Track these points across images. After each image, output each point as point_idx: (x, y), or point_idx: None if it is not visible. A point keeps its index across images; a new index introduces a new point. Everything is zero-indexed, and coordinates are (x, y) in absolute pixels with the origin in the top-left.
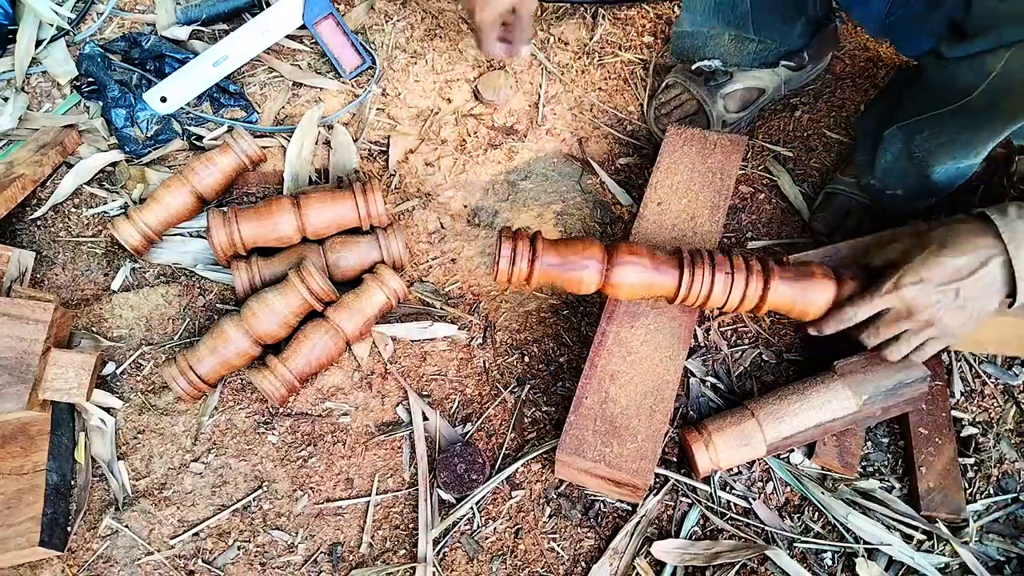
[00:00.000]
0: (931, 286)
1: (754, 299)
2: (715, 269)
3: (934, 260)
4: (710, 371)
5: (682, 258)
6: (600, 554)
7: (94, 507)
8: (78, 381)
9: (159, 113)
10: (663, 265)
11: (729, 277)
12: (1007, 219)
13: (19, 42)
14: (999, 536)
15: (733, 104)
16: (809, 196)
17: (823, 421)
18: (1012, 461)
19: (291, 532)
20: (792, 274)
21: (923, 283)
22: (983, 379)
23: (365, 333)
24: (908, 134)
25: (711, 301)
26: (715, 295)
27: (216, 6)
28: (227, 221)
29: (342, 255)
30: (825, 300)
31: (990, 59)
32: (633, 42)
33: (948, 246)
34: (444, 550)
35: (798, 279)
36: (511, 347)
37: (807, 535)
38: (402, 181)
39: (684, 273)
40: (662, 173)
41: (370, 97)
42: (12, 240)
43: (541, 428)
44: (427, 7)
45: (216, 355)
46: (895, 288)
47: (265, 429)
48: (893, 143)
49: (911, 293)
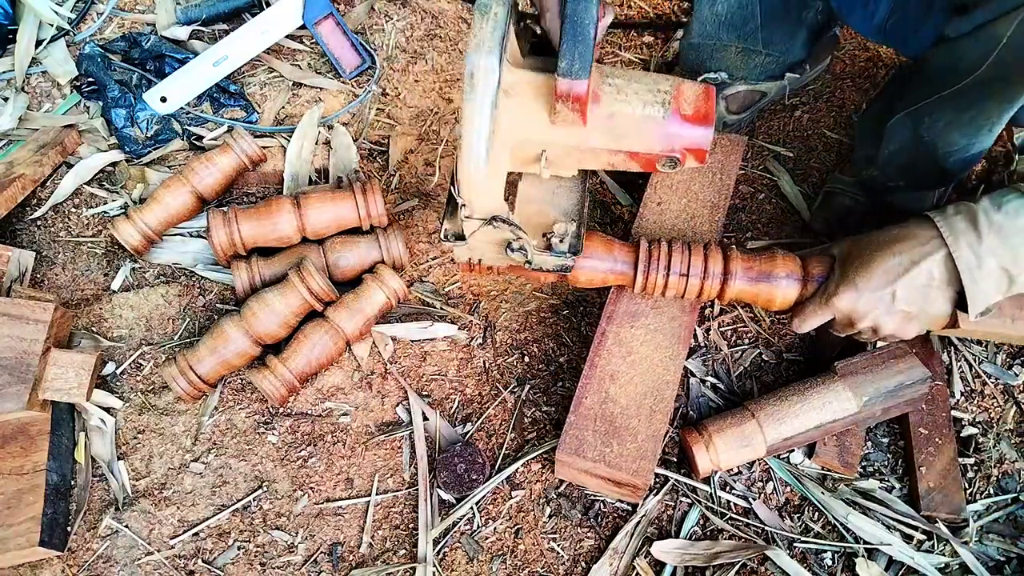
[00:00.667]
0: (865, 293)
1: (718, 274)
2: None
3: (865, 266)
4: (710, 371)
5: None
6: (600, 554)
7: (94, 507)
8: (78, 381)
9: (159, 113)
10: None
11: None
12: (945, 215)
13: (19, 42)
14: (999, 536)
15: (734, 105)
16: (809, 196)
17: (824, 422)
18: (1012, 461)
19: (291, 532)
20: (755, 270)
21: (857, 291)
22: (983, 379)
23: (365, 333)
24: (915, 119)
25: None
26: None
27: (216, 6)
28: (227, 221)
29: (342, 255)
30: (785, 294)
31: (1000, 27)
32: (633, 42)
33: (880, 249)
34: (444, 550)
35: (760, 275)
36: (511, 347)
37: (807, 535)
38: (402, 181)
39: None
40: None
41: (370, 97)
42: (12, 240)
43: (541, 428)
44: (427, 7)
45: (216, 355)
46: (829, 300)
47: (265, 429)
48: (899, 131)
49: (844, 304)
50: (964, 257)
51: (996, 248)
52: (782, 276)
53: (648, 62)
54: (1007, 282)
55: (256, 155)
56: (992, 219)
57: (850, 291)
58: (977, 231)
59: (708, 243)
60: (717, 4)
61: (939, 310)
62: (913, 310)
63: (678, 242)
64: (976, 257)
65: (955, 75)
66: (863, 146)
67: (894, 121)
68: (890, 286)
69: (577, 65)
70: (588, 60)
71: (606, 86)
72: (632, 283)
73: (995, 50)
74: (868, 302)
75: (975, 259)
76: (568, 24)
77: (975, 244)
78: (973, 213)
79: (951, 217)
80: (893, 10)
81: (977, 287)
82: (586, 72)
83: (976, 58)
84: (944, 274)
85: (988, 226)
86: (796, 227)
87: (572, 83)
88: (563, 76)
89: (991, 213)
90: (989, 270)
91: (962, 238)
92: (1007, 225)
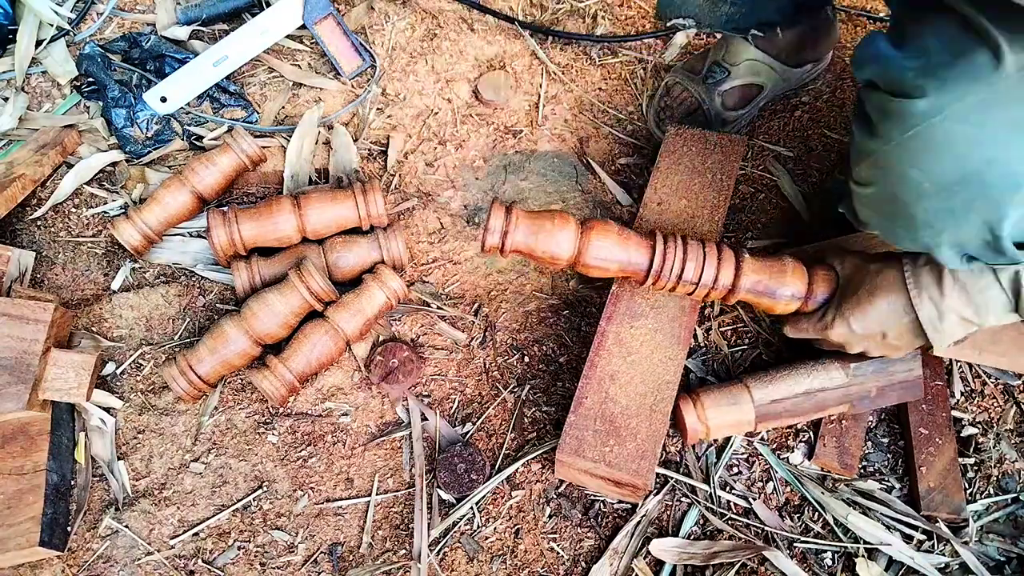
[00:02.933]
0: (858, 334)
1: (726, 285)
2: (687, 251)
3: (860, 309)
4: (710, 371)
5: (655, 239)
6: (600, 554)
7: (94, 507)
8: (78, 381)
9: (159, 113)
10: (635, 242)
11: (700, 258)
12: (915, 265)
13: (19, 42)
14: (999, 536)
15: (731, 101)
16: (809, 196)
17: (812, 389)
18: (1012, 461)
19: (291, 532)
20: (762, 284)
21: (850, 330)
22: (983, 379)
23: (365, 333)
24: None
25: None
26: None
27: (216, 6)
28: (227, 221)
29: (342, 255)
30: (785, 308)
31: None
32: (633, 42)
33: (874, 293)
34: (444, 550)
35: (765, 290)
36: (511, 347)
37: (807, 535)
38: (402, 181)
39: (656, 252)
40: (662, 173)
41: (370, 97)
42: (12, 240)
43: (541, 428)
44: (427, 7)
45: (216, 355)
46: (825, 330)
47: (265, 429)
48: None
49: (837, 338)
50: (926, 310)
51: (957, 304)
52: (787, 295)
53: (646, 63)
54: (974, 326)
55: (256, 155)
56: (957, 276)
57: (844, 328)
58: (940, 287)
59: (722, 249)
60: None
61: (922, 343)
62: (901, 344)
63: (693, 245)
64: (938, 311)
65: None
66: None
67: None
68: (881, 327)
69: None
70: None
71: None
72: (642, 280)
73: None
74: (859, 340)
75: (936, 313)
76: None
77: (938, 300)
78: (940, 267)
79: (920, 268)
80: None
81: (940, 335)
82: None
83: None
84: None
85: (952, 283)
86: (796, 227)
87: None
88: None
89: (958, 270)
90: (950, 322)
91: (925, 292)
92: (970, 283)
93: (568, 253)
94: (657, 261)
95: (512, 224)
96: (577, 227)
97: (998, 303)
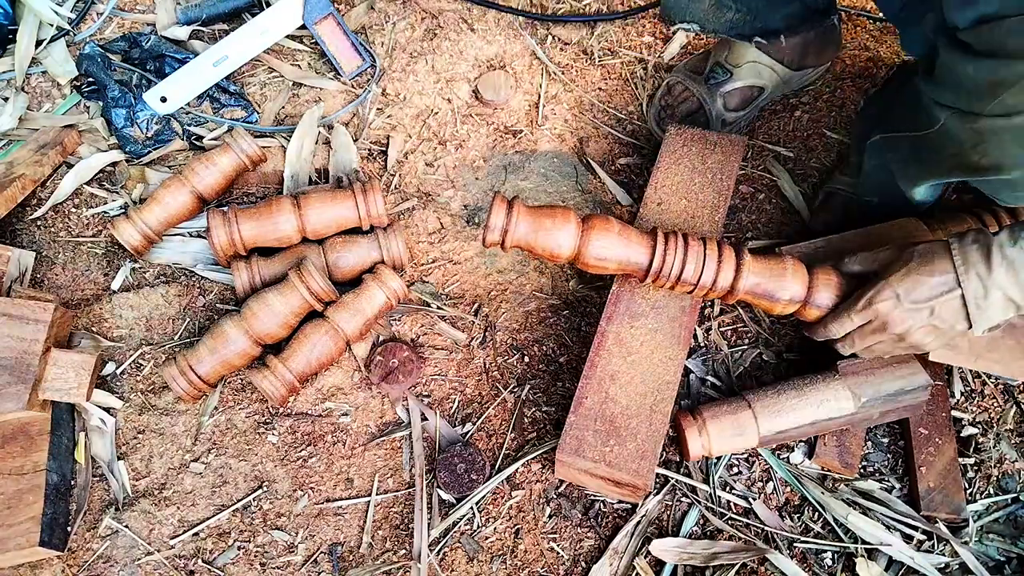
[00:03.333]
0: (906, 303)
1: (725, 287)
2: (687, 251)
3: (911, 277)
4: (710, 371)
5: (655, 237)
6: (600, 554)
7: (94, 507)
8: (78, 381)
9: (159, 113)
10: (636, 239)
11: (701, 257)
12: (962, 244)
13: (19, 42)
14: (999, 536)
15: (733, 102)
16: (809, 196)
17: (819, 419)
18: (1012, 461)
19: (291, 532)
20: (761, 287)
21: (899, 299)
22: (983, 379)
23: (365, 333)
24: (885, 146)
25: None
26: (686, 274)
27: (216, 6)
28: (227, 221)
29: (342, 255)
30: (783, 311)
31: (937, 110)
32: (633, 42)
33: (925, 264)
34: (444, 550)
35: (764, 293)
36: (511, 347)
37: (807, 535)
38: (402, 181)
39: (656, 248)
40: (662, 173)
41: (370, 97)
42: (12, 240)
43: (541, 428)
44: (427, 7)
45: (216, 355)
46: (870, 304)
47: (265, 429)
48: (875, 151)
49: (886, 308)
50: (972, 287)
51: (1004, 281)
52: (785, 298)
53: (648, 62)
54: (1013, 308)
55: (256, 155)
56: (1006, 253)
57: (892, 298)
58: (988, 263)
59: (723, 249)
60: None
61: (962, 327)
62: (944, 326)
63: (693, 245)
64: (984, 288)
65: (921, 119)
66: (854, 152)
67: (872, 141)
68: (930, 302)
69: None
70: None
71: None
72: (642, 278)
73: (936, 126)
74: (906, 312)
75: (983, 290)
76: None
77: (985, 276)
78: (988, 245)
79: (968, 246)
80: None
81: (982, 313)
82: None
83: (933, 117)
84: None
85: (1000, 259)
86: (796, 227)
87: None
88: None
89: (1006, 247)
90: (994, 300)
91: (972, 269)
92: (1018, 260)
93: (569, 251)
94: (657, 260)
95: (512, 221)
96: (578, 225)
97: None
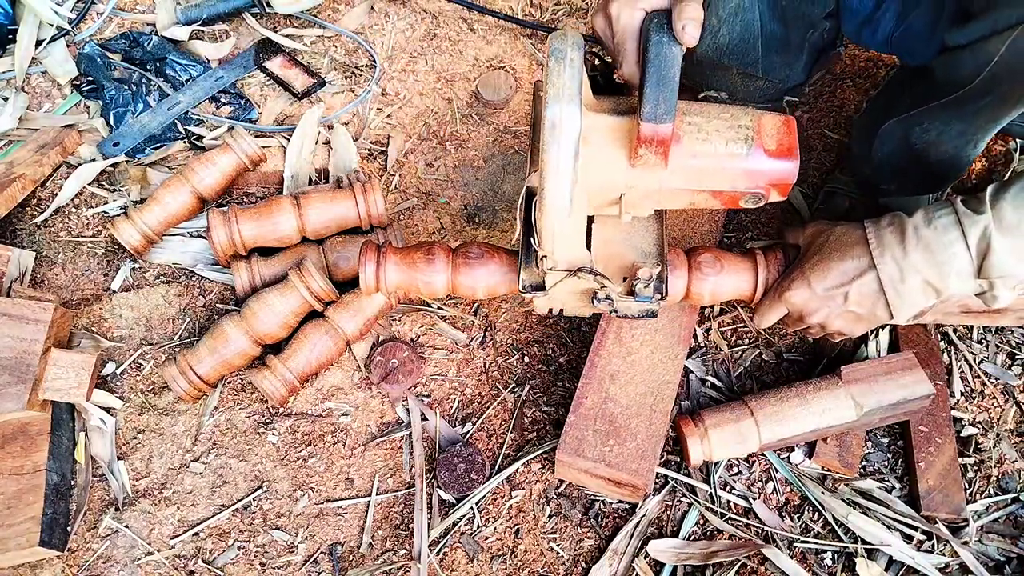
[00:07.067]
0: (818, 291)
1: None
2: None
3: (821, 265)
4: (710, 371)
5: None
6: (600, 554)
7: (94, 507)
8: (78, 381)
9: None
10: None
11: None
12: (878, 227)
13: (19, 42)
14: (999, 536)
15: None
16: (809, 196)
17: (820, 427)
18: (1012, 461)
19: (291, 532)
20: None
21: (810, 289)
22: (983, 379)
23: (365, 333)
24: (907, 126)
25: None
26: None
27: (216, 6)
28: (227, 221)
29: (342, 255)
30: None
31: (994, 44)
32: None
33: (836, 249)
34: (444, 550)
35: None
36: (511, 347)
37: (807, 535)
38: (402, 181)
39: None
40: None
41: (370, 97)
42: (12, 240)
43: (541, 428)
44: (427, 7)
45: (216, 355)
46: (783, 294)
47: (265, 429)
48: (891, 137)
49: (799, 300)
50: (888, 271)
51: (920, 263)
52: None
53: None
54: (934, 294)
55: (256, 155)
56: (920, 235)
57: (803, 288)
58: (903, 245)
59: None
60: (719, 36)
61: (884, 314)
62: (862, 312)
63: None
64: (900, 271)
65: (950, 86)
66: (859, 147)
67: (886, 126)
68: (843, 287)
69: (662, 109)
70: (673, 104)
71: (686, 125)
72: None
73: (988, 66)
74: (820, 300)
75: (899, 273)
76: (651, 67)
77: (900, 258)
78: (903, 227)
79: (883, 229)
80: (897, 24)
81: (901, 300)
82: (671, 116)
83: (970, 71)
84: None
85: (916, 241)
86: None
87: (656, 127)
88: (647, 121)
89: (921, 228)
90: (912, 284)
91: (887, 252)
92: (934, 241)
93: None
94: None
95: (382, 266)
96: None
97: (962, 262)
